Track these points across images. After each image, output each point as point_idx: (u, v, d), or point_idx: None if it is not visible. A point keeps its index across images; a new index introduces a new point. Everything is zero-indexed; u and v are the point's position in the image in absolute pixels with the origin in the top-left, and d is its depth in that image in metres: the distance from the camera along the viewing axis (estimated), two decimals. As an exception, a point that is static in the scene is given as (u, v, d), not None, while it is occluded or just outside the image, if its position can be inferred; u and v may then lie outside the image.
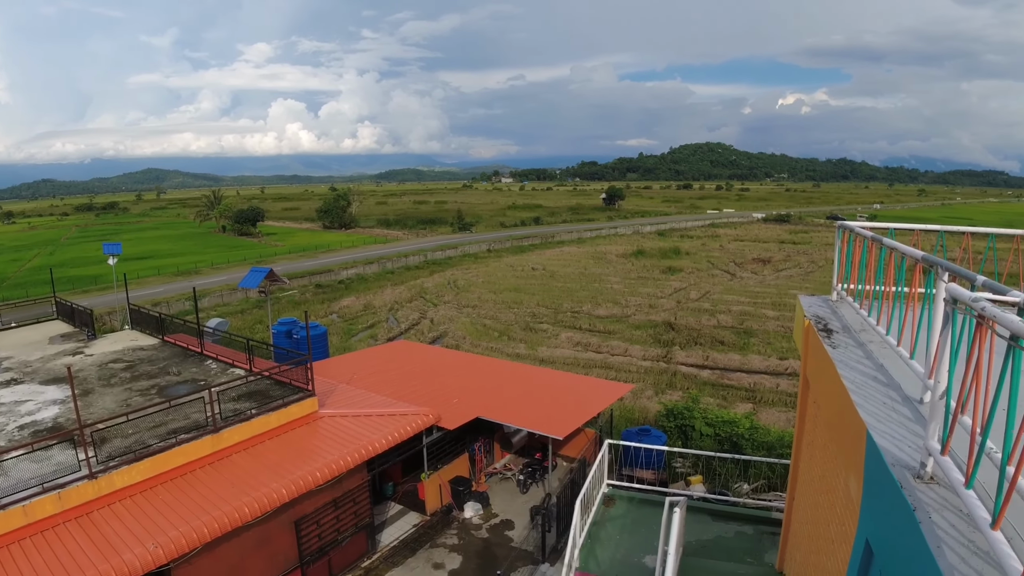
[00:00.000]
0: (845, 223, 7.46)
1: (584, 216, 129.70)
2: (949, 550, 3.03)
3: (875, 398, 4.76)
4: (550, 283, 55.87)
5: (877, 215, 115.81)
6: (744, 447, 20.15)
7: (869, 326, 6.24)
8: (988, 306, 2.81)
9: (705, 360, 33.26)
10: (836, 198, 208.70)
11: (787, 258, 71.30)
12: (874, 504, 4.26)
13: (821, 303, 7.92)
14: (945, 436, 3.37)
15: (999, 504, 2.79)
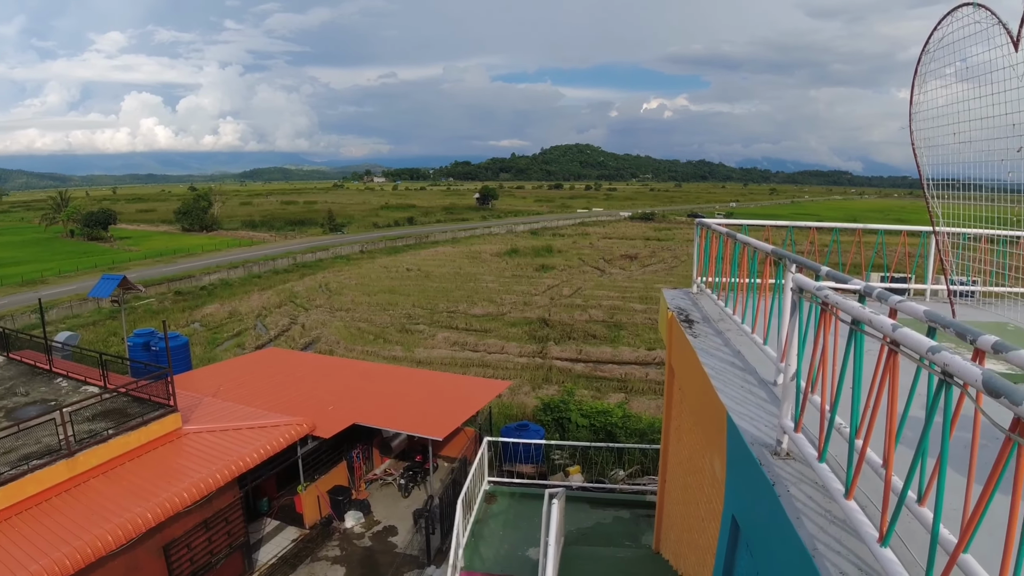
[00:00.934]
0: (703, 220, 7.92)
1: (458, 216, 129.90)
2: (808, 520, 3.28)
3: (734, 382, 5.09)
4: (425, 284, 55.56)
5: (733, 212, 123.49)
6: (618, 435, 20.95)
7: (727, 316, 6.66)
8: (830, 294, 3.09)
9: (579, 354, 34.24)
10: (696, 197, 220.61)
11: (653, 254, 74.60)
12: (737, 482, 4.56)
13: (683, 296, 8.37)
14: (797, 414, 3.67)
15: (850, 475, 3.06)
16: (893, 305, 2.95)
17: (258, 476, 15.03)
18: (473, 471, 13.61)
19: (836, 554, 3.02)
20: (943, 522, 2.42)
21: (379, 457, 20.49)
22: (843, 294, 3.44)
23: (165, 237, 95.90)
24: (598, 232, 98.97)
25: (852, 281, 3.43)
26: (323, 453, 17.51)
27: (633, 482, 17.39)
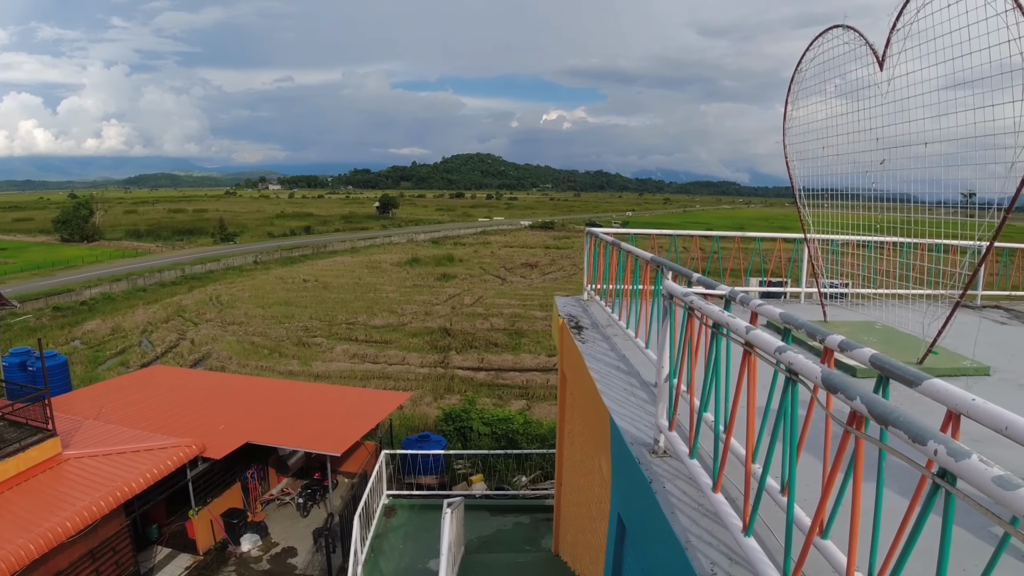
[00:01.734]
0: (592, 230, 8.16)
1: (358, 225, 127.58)
2: (682, 514, 3.44)
3: (618, 385, 5.27)
4: (323, 295, 54.22)
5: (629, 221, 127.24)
6: (520, 441, 21.13)
7: (614, 321, 6.88)
8: (695, 299, 3.26)
9: (480, 362, 34.34)
10: (594, 206, 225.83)
11: (552, 262, 75.83)
12: (622, 481, 4.72)
13: (574, 303, 8.58)
14: (671, 414, 3.84)
15: (716, 470, 3.23)
16: (754, 308, 3.14)
17: (146, 502, 14.26)
18: (371, 485, 13.41)
19: (708, 545, 3.18)
20: (807, 510, 2.60)
21: (275, 477, 19.82)
22: (711, 299, 3.65)
23: (43, 248, 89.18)
24: (499, 241, 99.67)
25: (719, 287, 3.63)
26: (215, 475, 16.77)
27: (535, 487, 17.59)
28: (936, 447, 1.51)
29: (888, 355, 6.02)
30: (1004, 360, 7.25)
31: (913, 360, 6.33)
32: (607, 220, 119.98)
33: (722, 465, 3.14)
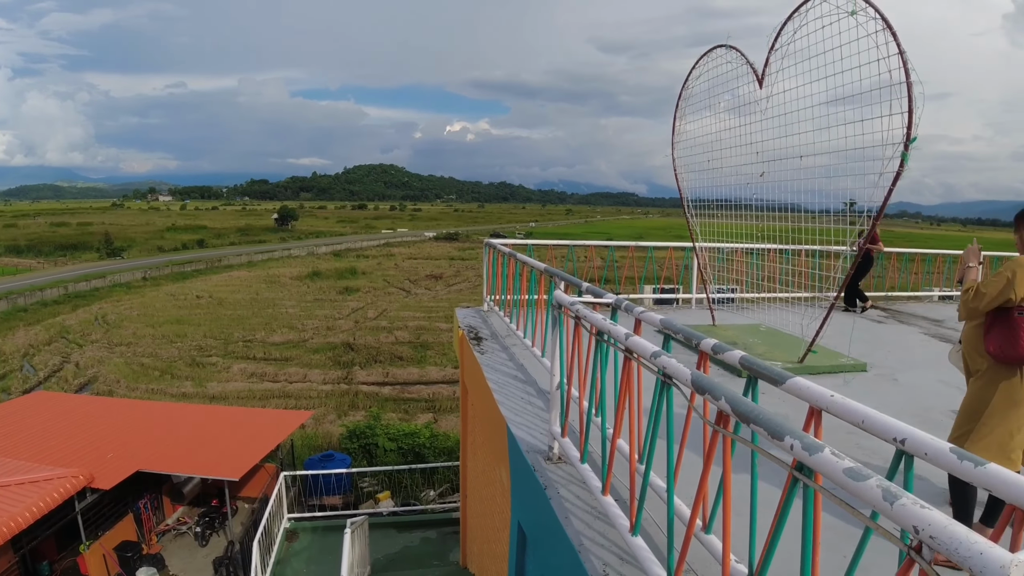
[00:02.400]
0: (490, 241, 8.22)
1: (255, 238, 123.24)
2: (575, 518, 3.50)
3: (515, 395, 5.32)
4: (218, 312, 52.03)
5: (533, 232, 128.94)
6: (427, 455, 20.92)
7: (511, 332, 6.95)
8: (581, 308, 3.33)
9: (385, 377, 33.85)
10: (498, 217, 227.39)
11: (457, 273, 75.79)
12: (520, 489, 4.75)
13: (474, 314, 8.61)
14: (563, 421, 3.91)
15: (604, 472, 3.31)
16: (637, 316, 3.25)
17: (34, 537, 13.21)
18: (270, 509, 12.95)
19: (600, 547, 3.24)
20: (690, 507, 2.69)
21: (170, 505, 18.76)
22: (600, 308, 3.74)
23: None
24: (403, 253, 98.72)
25: (606, 296, 3.73)
26: (106, 507, 15.69)
27: (444, 501, 17.45)
28: (792, 442, 1.60)
29: (772, 355, 6.37)
30: (880, 356, 7.79)
31: (794, 359, 6.69)
32: (511, 231, 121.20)
33: (610, 468, 3.22)
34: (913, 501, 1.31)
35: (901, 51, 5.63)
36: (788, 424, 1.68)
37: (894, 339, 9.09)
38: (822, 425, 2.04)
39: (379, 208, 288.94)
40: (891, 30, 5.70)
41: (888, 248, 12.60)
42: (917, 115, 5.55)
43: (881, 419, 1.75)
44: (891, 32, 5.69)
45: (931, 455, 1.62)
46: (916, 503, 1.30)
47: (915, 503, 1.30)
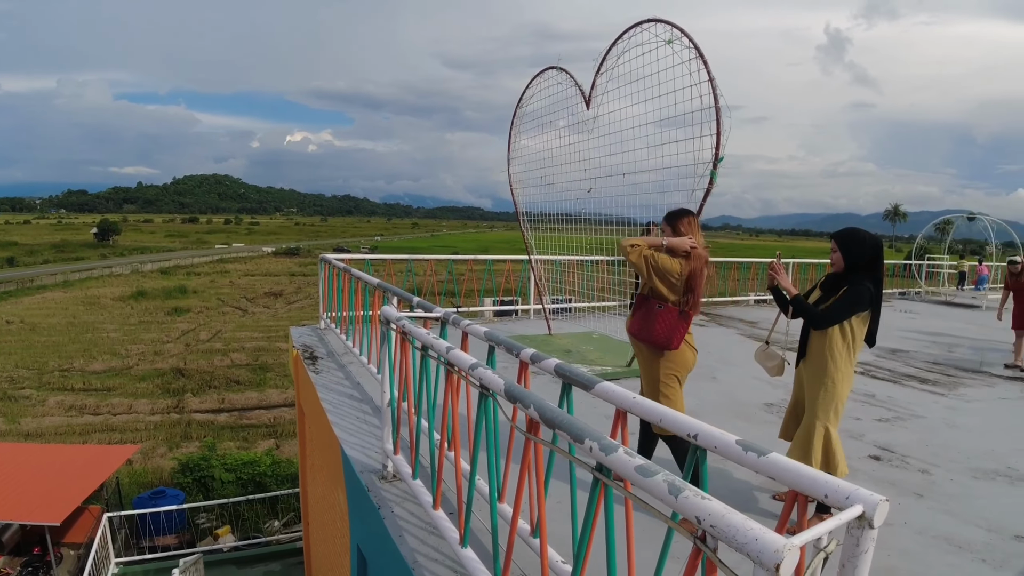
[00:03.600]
0: (326, 256, 8.02)
1: (72, 255, 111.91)
2: (410, 536, 3.46)
3: (350, 414, 5.20)
4: (31, 338, 46.75)
5: (378, 246, 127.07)
6: (268, 484, 19.91)
7: (348, 349, 6.80)
8: (407, 323, 3.32)
9: (221, 403, 31.92)
10: (342, 231, 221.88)
11: (298, 290, 73.06)
12: (357, 511, 4.64)
13: (310, 332, 8.34)
14: (395, 438, 3.86)
15: (435, 486, 3.30)
16: (464, 328, 3.28)
17: None
18: (94, 554, 11.81)
19: (434, 562, 3.23)
20: (523, 516, 2.74)
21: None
22: (431, 322, 3.74)
23: None
24: (239, 269, 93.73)
25: (436, 309, 3.74)
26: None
27: (290, 530, 16.70)
28: (591, 444, 1.67)
29: (603, 360, 6.66)
30: (701, 356, 8.29)
31: (623, 363, 7.07)
32: (355, 245, 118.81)
33: (439, 482, 3.22)
34: (695, 493, 1.40)
35: (711, 78, 6.12)
36: (588, 427, 1.75)
37: (714, 340, 9.82)
38: (627, 426, 2.16)
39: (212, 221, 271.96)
40: (703, 59, 6.17)
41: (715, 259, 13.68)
42: (725, 137, 6.04)
43: (676, 417, 1.87)
44: (703, 60, 6.17)
45: (720, 448, 1.74)
46: (698, 495, 1.39)
47: (697, 495, 1.39)
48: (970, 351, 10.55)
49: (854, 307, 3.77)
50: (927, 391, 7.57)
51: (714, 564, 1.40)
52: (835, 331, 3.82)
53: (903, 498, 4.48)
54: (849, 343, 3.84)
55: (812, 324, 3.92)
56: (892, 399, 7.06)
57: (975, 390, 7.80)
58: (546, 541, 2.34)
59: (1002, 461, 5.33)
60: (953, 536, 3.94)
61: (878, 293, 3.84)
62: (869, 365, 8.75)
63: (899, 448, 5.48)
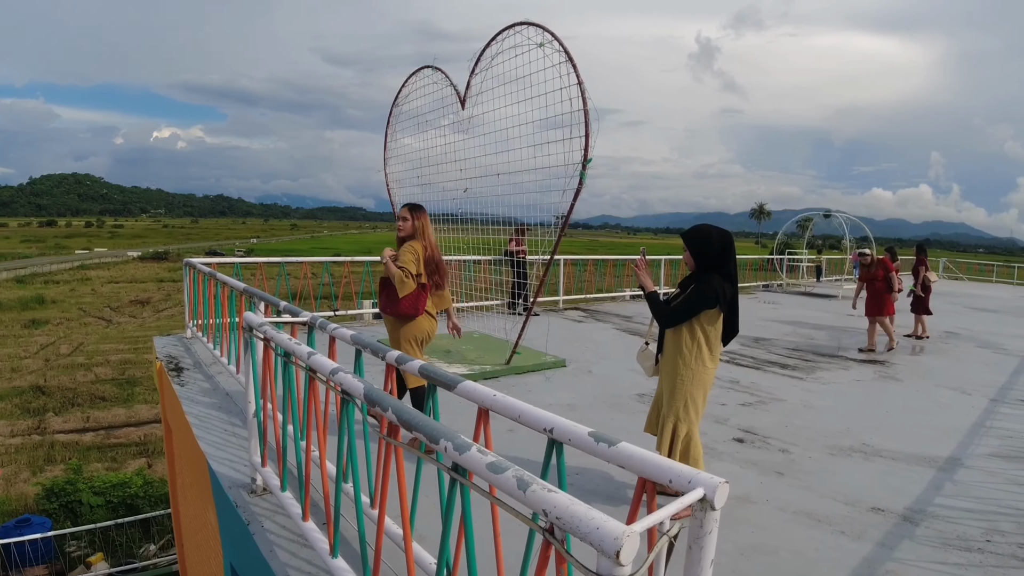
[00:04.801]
0: (189, 261, 7.61)
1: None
2: (281, 550, 3.33)
3: (217, 428, 4.96)
4: None
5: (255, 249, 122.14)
6: (141, 506, 18.72)
7: (216, 359, 6.48)
8: (268, 329, 3.20)
9: (86, 422, 29.67)
10: (215, 234, 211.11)
11: (168, 297, 68.97)
12: (228, 528, 4.43)
13: (175, 342, 7.90)
14: (262, 449, 3.72)
15: (303, 497, 3.20)
16: (331, 332, 3.20)
17: None
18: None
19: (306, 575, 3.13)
20: (396, 520, 2.69)
21: None
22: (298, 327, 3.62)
23: None
24: (102, 276, 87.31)
25: (303, 314, 3.63)
26: None
27: (167, 553, 15.81)
28: (446, 444, 1.67)
29: (482, 359, 6.69)
30: (578, 352, 8.59)
31: (502, 361, 7.13)
32: (230, 248, 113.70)
33: (307, 493, 3.13)
34: (542, 486, 1.41)
35: (580, 82, 6.26)
36: (443, 427, 1.75)
37: (591, 336, 10.10)
38: (490, 424, 2.17)
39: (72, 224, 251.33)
40: (572, 63, 6.31)
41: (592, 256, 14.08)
42: (593, 139, 6.20)
43: (533, 412, 1.89)
44: (572, 64, 6.30)
45: (574, 440, 1.78)
46: (544, 488, 1.41)
47: (544, 488, 1.41)
48: (827, 337, 11.36)
49: (699, 305, 3.82)
50: (787, 376, 8.09)
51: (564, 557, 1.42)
52: (684, 329, 3.89)
53: (765, 477, 4.74)
54: (700, 341, 3.88)
55: (659, 322, 4.00)
56: (755, 384, 7.50)
57: (831, 373, 8.41)
58: (411, 544, 2.32)
59: (857, 438, 5.77)
60: (813, 511, 4.20)
61: (733, 288, 3.91)
62: (734, 353, 9.27)
63: (761, 430, 5.82)
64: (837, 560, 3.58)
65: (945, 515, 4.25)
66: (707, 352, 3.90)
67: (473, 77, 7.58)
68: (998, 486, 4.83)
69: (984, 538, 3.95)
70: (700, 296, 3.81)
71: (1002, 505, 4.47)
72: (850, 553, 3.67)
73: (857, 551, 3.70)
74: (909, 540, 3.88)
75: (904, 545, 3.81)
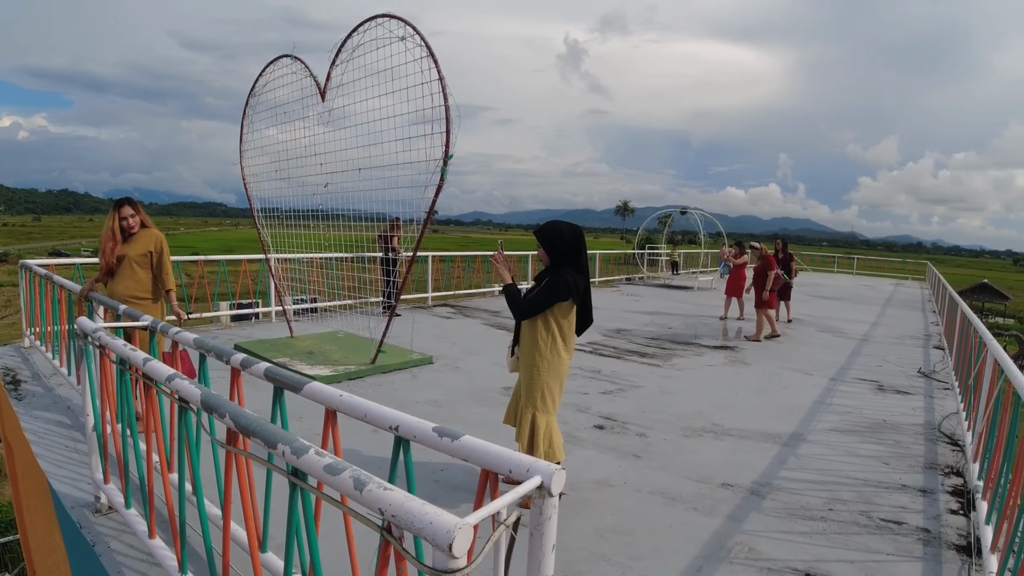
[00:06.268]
0: (25, 262, 6.99)
1: None
2: (130, 571, 3.13)
3: (58, 444, 4.62)
4: None
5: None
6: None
7: (56, 369, 6.01)
8: (103, 336, 3.01)
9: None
10: (60, 232, 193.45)
11: (8, 303, 62.89)
12: (75, 552, 4.13)
13: (12, 352, 7.23)
14: (103, 465, 3.49)
15: (147, 513, 3.04)
16: (173, 337, 3.05)
17: None
18: None
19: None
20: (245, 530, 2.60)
21: None
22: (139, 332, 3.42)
23: None
24: (-74, 284, 78.54)
25: (143, 318, 3.43)
26: None
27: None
28: (283, 448, 1.64)
29: (347, 360, 6.56)
30: (446, 348, 8.60)
31: (367, 361, 7.03)
32: (76, 248, 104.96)
33: (151, 509, 2.97)
34: (378, 485, 1.42)
35: (441, 77, 6.23)
36: (280, 432, 1.72)
37: (459, 331, 10.15)
38: (338, 424, 2.15)
39: None
40: (434, 58, 6.27)
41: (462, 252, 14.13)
42: (455, 135, 6.20)
43: (378, 410, 1.90)
44: (434, 60, 6.26)
45: (419, 436, 1.79)
46: (381, 486, 1.42)
47: (380, 486, 1.42)
48: (684, 327, 12.01)
49: (552, 298, 3.92)
50: (646, 364, 8.49)
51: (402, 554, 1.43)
52: (539, 322, 3.98)
53: (623, 461, 4.96)
54: (554, 333, 3.99)
55: (513, 314, 4.09)
56: (616, 373, 7.82)
57: (687, 360, 8.90)
58: (257, 553, 2.26)
59: (708, 419, 6.14)
60: (668, 490, 4.44)
61: (584, 281, 4.04)
62: (597, 344, 9.62)
63: (620, 416, 6.08)
64: (690, 535, 3.80)
65: (790, 487, 4.59)
66: (562, 343, 4.01)
67: (333, 68, 7.39)
68: (838, 458, 5.29)
69: (826, 507, 4.30)
70: (553, 289, 3.90)
71: (842, 475, 4.90)
72: (702, 528, 3.90)
73: (708, 525, 3.94)
74: (757, 512, 4.16)
75: (752, 517, 4.09)
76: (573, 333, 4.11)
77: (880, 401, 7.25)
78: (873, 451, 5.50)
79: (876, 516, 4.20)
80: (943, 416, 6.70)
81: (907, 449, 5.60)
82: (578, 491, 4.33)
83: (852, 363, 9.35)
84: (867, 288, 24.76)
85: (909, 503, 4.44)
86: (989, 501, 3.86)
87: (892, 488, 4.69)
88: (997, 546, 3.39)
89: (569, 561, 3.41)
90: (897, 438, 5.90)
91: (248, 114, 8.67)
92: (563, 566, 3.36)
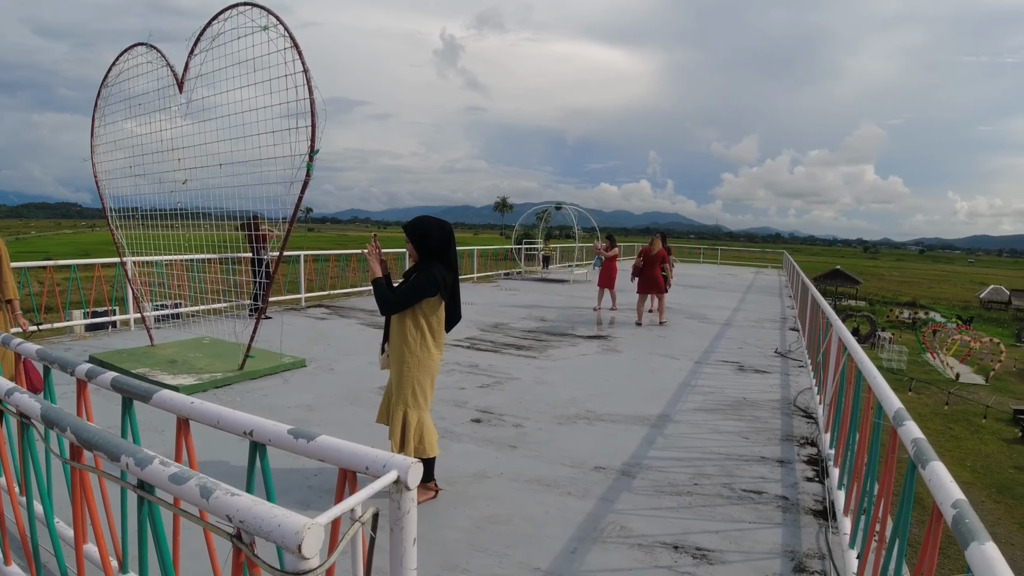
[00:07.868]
0: None
1: None
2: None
3: None
4: None
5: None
6: None
7: None
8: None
9: None
10: None
11: None
12: None
13: None
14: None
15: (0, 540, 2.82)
16: (15, 349, 2.86)
17: None
18: None
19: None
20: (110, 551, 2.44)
21: None
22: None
23: None
24: None
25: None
26: None
27: None
28: (127, 460, 1.57)
29: (213, 367, 6.28)
30: (320, 350, 8.40)
31: (235, 367, 6.74)
32: None
33: (3, 533, 2.76)
34: (225, 491, 1.39)
35: (306, 70, 6.05)
36: (124, 443, 1.64)
37: (334, 332, 9.92)
38: (191, 433, 2.08)
39: None
40: (298, 49, 6.07)
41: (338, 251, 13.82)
42: (320, 129, 6.05)
43: (232, 416, 1.85)
44: (298, 51, 6.06)
45: (274, 440, 1.76)
46: (228, 492, 1.38)
47: (227, 492, 1.38)
48: (559, 318, 12.30)
49: (419, 293, 3.91)
50: (522, 356, 8.65)
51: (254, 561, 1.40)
52: (408, 318, 3.97)
53: (500, 452, 5.05)
54: (423, 328, 3.98)
55: (380, 309, 4.04)
56: (493, 367, 7.92)
57: (561, 351, 9.13)
58: (111, 572, 2.14)
59: (581, 406, 6.35)
60: (543, 477, 4.56)
61: (453, 276, 4.06)
62: (475, 339, 9.71)
63: (497, 409, 6.18)
64: (565, 519, 3.92)
65: (658, 466, 4.83)
66: (431, 339, 4.01)
67: (192, 58, 7.02)
68: (702, 435, 5.61)
69: (692, 482, 4.56)
70: (421, 284, 3.89)
71: (706, 451, 5.20)
72: (576, 511, 4.04)
73: (582, 508, 4.08)
74: (628, 492, 4.35)
75: (623, 497, 4.27)
76: (443, 329, 4.11)
77: (741, 380, 7.75)
78: (734, 427, 5.87)
79: (738, 487, 4.49)
80: (798, 391, 7.26)
81: (765, 424, 6.03)
82: (455, 485, 4.37)
83: (716, 346, 9.92)
84: (730, 277, 26.35)
85: (768, 473, 4.78)
86: (840, 467, 4.18)
87: (752, 460, 5.03)
88: (849, 508, 3.68)
89: (447, 555, 3.45)
90: (756, 414, 6.34)
91: (100, 106, 8.08)
92: (441, 560, 3.39)
